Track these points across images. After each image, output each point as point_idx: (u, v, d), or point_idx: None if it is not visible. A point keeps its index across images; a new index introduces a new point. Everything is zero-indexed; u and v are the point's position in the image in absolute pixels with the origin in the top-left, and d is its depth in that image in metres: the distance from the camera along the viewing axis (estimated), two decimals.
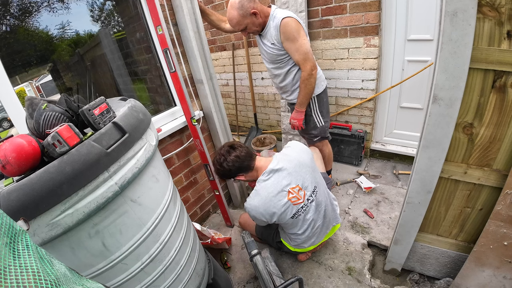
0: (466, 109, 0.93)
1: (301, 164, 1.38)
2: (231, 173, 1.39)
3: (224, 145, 1.44)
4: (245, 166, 1.37)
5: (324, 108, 1.87)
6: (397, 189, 2.11)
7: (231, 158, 1.35)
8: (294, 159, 1.39)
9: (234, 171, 1.38)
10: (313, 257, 1.68)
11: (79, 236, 0.71)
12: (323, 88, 1.83)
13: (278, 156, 1.42)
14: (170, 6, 1.63)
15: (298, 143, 1.51)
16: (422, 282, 1.42)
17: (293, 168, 1.36)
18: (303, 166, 1.38)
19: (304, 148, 1.48)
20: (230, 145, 1.41)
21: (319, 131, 1.92)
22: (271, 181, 1.34)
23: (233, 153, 1.37)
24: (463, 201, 1.11)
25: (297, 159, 1.39)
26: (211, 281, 1.29)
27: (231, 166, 1.35)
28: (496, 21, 0.78)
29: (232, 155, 1.36)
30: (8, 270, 0.32)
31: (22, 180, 0.60)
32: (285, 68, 1.72)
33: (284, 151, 1.46)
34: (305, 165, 1.39)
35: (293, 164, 1.37)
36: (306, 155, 1.44)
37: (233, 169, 1.36)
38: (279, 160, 1.38)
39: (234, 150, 1.38)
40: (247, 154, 1.39)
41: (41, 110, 0.78)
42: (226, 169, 1.37)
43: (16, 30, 1.42)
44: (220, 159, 1.38)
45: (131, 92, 2.15)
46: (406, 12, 1.92)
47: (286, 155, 1.41)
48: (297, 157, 1.40)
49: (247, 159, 1.37)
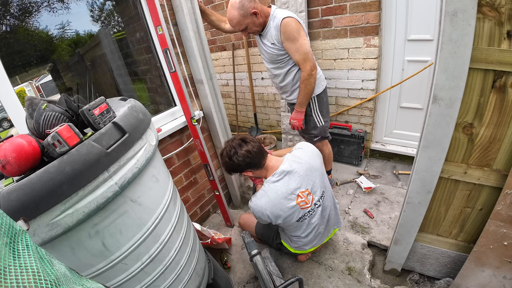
0: (466, 109, 0.93)
1: (312, 168, 1.34)
2: (239, 168, 1.33)
3: (235, 138, 1.36)
4: (256, 162, 1.31)
5: (324, 108, 1.87)
6: (397, 189, 2.11)
7: (242, 153, 1.28)
8: (305, 162, 1.34)
9: (243, 166, 1.32)
10: (313, 257, 1.68)
11: (79, 236, 0.71)
12: (323, 88, 1.83)
13: (289, 157, 1.37)
14: (170, 6, 1.63)
15: (309, 145, 1.46)
16: (422, 282, 1.42)
17: (304, 171, 1.31)
18: (313, 170, 1.34)
19: (316, 151, 1.43)
20: (242, 139, 1.34)
21: (319, 131, 1.92)
22: (281, 183, 1.29)
23: (244, 147, 1.30)
24: (463, 201, 1.10)
25: (308, 162, 1.34)
26: (211, 281, 1.29)
27: (241, 161, 1.29)
28: (496, 21, 0.78)
29: (244, 149, 1.29)
30: (8, 270, 0.32)
31: (22, 180, 0.60)
32: (285, 68, 1.72)
33: (295, 152, 1.40)
34: (315, 169, 1.35)
35: (304, 168, 1.32)
36: (318, 159, 1.40)
37: (243, 164, 1.30)
38: (291, 162, 1.33)
39: (246, 144, 1.31)
40: (259, 150, 1.32)
41: (41, 110, 0.78)
42: (235, 163, 1.31)
43: (16, 30, 1.42)
44: (230, 151, 1.31)
45: (131, 92, 2.15)
46: (406, 12, 1.92)
47: (298, 157, 1.35)
48: (309, 161, 1.35)
49: (259, 155, 1.31)
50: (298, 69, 1.68)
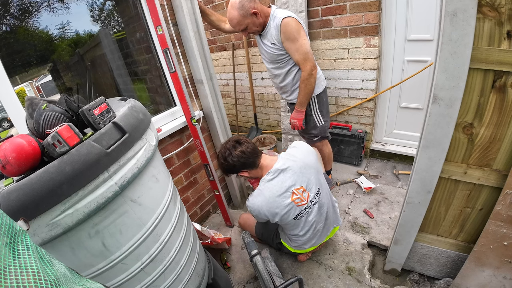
0: (466, 109, 0.93)
1: (306, 165, 1.36)
2: (235, 169, 1.36)
3: (230, 139, 1.40)
4: (250, 162, 1.35)
5: (324, 107, 1.87)
6: (397, 189, 2.11)
7: (236, 153, 1.32)
8: (299, 160, 1.36)
9: (239, 167, 1.35)
10: (313, 257, 1.68)
11: (79, 236, 0.71)
12: (323, 88, 1.83)
13: (283, 156, 1.39)
14: (170, 6, 1.63)
15: (303, 144, 1.48)
16: (422, 282, 1.42)
17: (298, 168, 1.33)
18: (308, 167, 1.37)
19: (310, 149, 1.46)
20: (236, 140, 1.38)
21: (319, 130, 1.92)
22: (276, 181, 1.31)
23: (238, 148, 1.34)
24: (463, 201, 1.10)
25: (302, 160, 1.37)
26: (211, 281, 1.29)
27: (235, 161, 1.33)
28: (496, 21, 0.78)
29: (238, 150, 1.33)
30: (8, 270, 0.32)
31: (22, 180, 0.60)
32: (285, 68, 1.72)
33: (289, 151, 1.43)
34: (310, 166, 1.37)
35: (299, 165, 1.34)
36: (312, 156, 1.42)
37: (238, 164, 1.34)
38: (285, 160, 1.35)
39: (240, 145, 1.35)
40: (253, 150, 1.36)
41: (41, 110, 0.78)
42: (230, 163, 1.34)
43: (16, 30, 1.42)
44: (225, 153, 1.35)
45: (131, 92, 2.15)
46: (406, 12, 1.92)
47: (292, 155, 1.38)
48: (303, 158, 1.38)
49: (253, 155, 1.35)
50: (298, 69, 1.69)
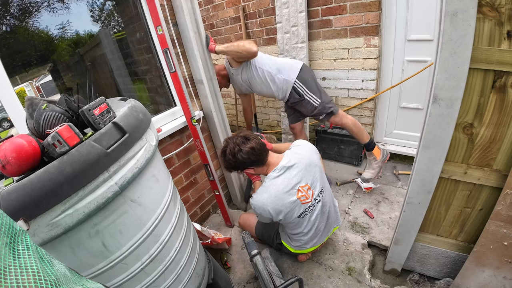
0: (466, 109, 0.93)
1: (311, 163, 1.36)
2: (244, 166, 1.33)
3: (237, 135, 1.35)
4: (259, 160, 1.31)
5: (312, 86, 1.90)
6: (397, 189, 2.11)
7: (246, 150, 1.27)
8: (305, 157, 1.36)
9: (248, 164, 1.31)
10: (313, 257, 1.67)
11: (79, 236, 0.71)
12: (298, 71, 1.89)
13: (288, 153, 1.39)
14: (170, 6, 1.63)
15: (307, 142, 1.49)
16: (422, 282, 1.42)
17: (304, 166, 1.33)
18: (313, 165, 1.37)
19: (313, 147, 1.47)
20: (244, 136, 1.33)
21: (319, 109, 1.93)
22: (282, 178, 1.30)
23: (248, 144, 1.29)
24: (463, 201, 1.10)
25: (308, 157, 1.37)
26: (211, 281, 1.29)
27: (245, 158, 1.28)
28: (496, 21, 0.78)
29: (248, 146, 1.28)
30: (8, 270, 0.32)
31: (22, 180, 0.60)
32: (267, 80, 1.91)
33: (294, 149, 1.43)
34: (315, 164, 1.38)
35: (304, 163, 1.34)
36: (316, 155, 1.43)
37: (247, 161, 1.29)
38: (291, 157, 1.35)
39: (249, 141, 1.30)
40: (262, 147, 1.32)
41: (41, 110, 0.78)
42: (239, 160, 1.29)
43: (16, 30, 1.42)
44: (234, 148, 1.29)
45: (131, 92, 2.15)
46: (406, 12, 1.92)
47: (297, 154, 1.37)
48: (308, 156, 1.38)
49: (262, 152, 1.31)
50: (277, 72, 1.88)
